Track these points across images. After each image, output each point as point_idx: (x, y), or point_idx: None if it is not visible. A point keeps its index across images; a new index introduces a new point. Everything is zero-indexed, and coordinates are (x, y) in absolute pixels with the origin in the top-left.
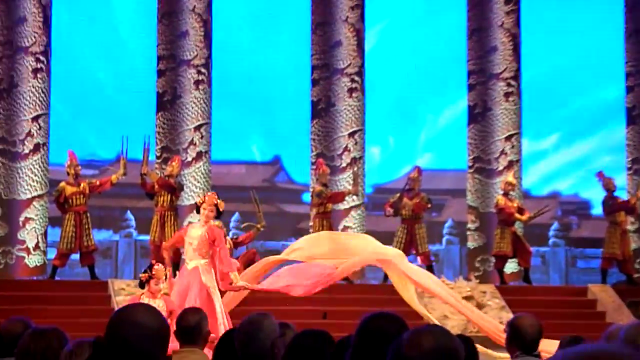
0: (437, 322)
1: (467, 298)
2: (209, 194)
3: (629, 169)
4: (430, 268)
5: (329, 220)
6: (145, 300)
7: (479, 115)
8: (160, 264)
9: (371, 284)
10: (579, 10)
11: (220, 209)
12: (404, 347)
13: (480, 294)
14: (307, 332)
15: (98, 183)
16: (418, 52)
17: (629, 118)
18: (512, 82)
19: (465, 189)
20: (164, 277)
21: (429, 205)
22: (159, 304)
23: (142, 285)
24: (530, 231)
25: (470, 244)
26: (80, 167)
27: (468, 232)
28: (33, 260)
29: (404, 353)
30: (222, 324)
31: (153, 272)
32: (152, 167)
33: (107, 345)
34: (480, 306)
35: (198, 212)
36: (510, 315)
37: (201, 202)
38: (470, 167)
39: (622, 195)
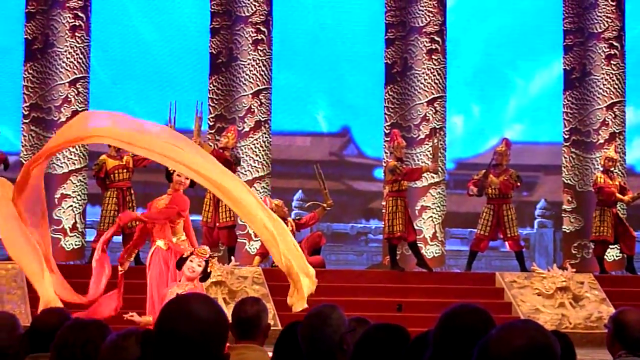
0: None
1: (563, 289)
2: None
3: None
4: (520, 255)
5: (403, 200)
6: (174, 289)
7: (576, 80)
8: (207, 247)
9: (452, 272)
10: None
11: None
12: (492, 345)
13: (576, 285)
14: (380, 326)
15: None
16: (506, 9)
17: None
18: (615, 43)
19: (560, 165)
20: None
21: (519, 184)
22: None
23: (179, 264)
24: (634, 214)
25: (566, 227)
26: None
27: (563, 214)
28: (70, 242)
29: (493, 351)
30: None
31: (196, 251)
32: (204, 137)
33: (156, 338)
34: (577, 298)
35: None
36: (612, 309)
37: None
38: (566, 140)
39: None
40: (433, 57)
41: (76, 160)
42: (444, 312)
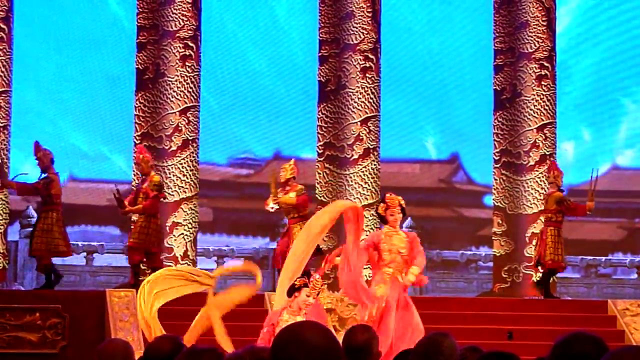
0: None
1: None
2: (389, 195)
3: None
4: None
5: (561, 230)
6: (285, 316)
7: None
8: (318, 275)
9: (564, 299)
10: None
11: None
12: None
13: None
14: (492, 354)
15: None
16: (617, 31)
17: None
18: None
19: None
20: (317, 292)
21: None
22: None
23: (290, 292)
24: None
25: None
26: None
27: None
28: None
29: None
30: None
31: (310, 280)
32: (313, 165)
33: None
34: None
35: (383, 221)
36: None
37: (385, 207)
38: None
39: None
40: (542, 82)
41: (187, 188)
42: (558, 340)
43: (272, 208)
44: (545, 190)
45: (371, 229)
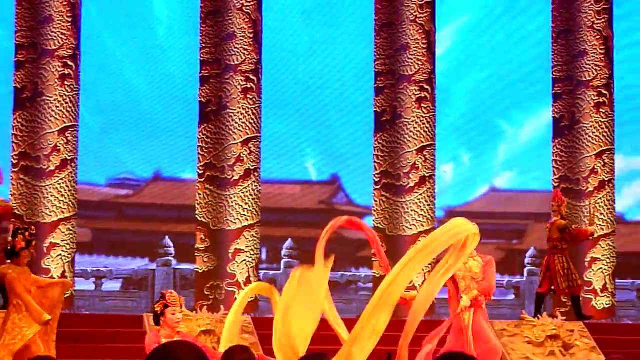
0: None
1: (553, 337)
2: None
3: None
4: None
5: (567, 257)
6: (163, 340)
7: (565, 128)
8: (173, 291)
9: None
10: None
11: None
12: None
13: (567, 333)
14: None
15: None
16: (496, 57)
17: None
18: (604, 91)
19: (549, 213)
20: (180, 305)
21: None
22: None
23: (157, 319)
24: (624, 262)
25: None
26: None
27: None
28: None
29: None
30: None
31: (167, 299)
32: (193, 185)
33: None
34: (567, 346)
35: None
36: (602, 358)
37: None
38: (555, 188)
39: None
40: (422, 105)
41: (65, 208)
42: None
43: None
44: (425, 212)
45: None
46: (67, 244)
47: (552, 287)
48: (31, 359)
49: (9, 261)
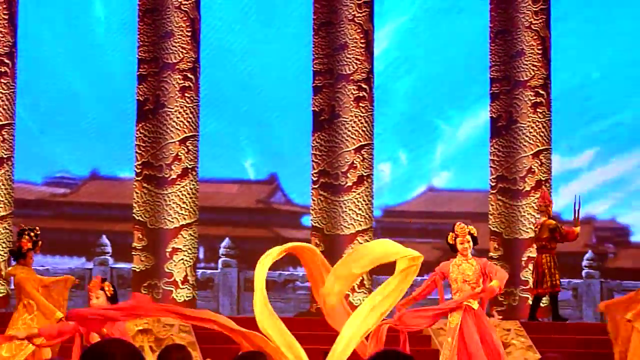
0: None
1: None
2: (459, 224)
3: None
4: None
5: (554, 256)
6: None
7: (502, 128)
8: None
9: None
10: (618, 10)
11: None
12: None
13: (503, 332)
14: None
15: None
16: (434, 57)
17: None
18: (541, 91)
19: (487, 213)
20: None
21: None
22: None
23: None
24: (561, 261)
25: None
26: None
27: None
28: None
29: None
30: None
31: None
32: (130, 184)
33: None
34: (504, 345)
35: (453, 250)
36: (538, 356)
37: (454, 236)
38: (492, 188)
39: None
40: (360, 104)
41: (1, 207)
42: (369, 356)
43: None
44: (363, 211)
45: None
46: (3, 243)
47: (535, 285)
48: None
49: (14, 262)
